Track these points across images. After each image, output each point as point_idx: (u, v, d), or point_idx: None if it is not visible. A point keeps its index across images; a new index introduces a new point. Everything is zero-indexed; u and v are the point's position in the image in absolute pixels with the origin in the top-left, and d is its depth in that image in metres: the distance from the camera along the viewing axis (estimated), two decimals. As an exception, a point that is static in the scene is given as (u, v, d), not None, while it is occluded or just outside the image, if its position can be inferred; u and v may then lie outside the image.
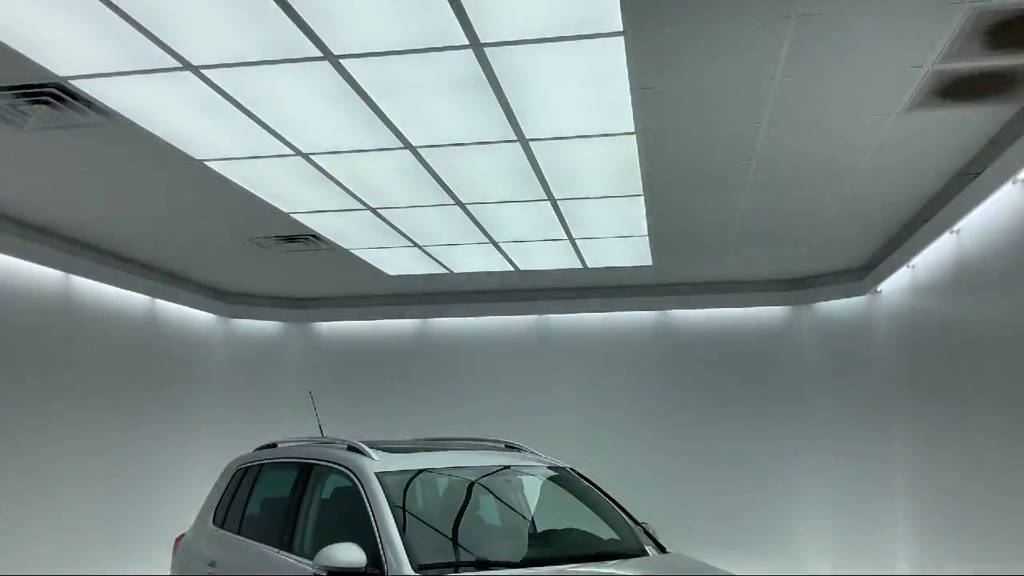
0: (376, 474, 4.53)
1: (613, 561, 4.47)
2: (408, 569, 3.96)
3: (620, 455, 9.48)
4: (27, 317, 7.21)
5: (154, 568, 7.62)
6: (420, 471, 4.84)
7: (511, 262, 8.71)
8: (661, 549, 4.83)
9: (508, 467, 5.22)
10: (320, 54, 4.24)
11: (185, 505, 7.33)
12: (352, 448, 4.94)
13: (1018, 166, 5.18)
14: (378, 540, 4.15)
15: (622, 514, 5.05)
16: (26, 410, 7.13)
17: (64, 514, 7.44)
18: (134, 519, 8.33)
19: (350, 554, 4.00)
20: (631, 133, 5.25)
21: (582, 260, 8.64)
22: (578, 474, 5.35)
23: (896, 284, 8.23)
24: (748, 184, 6.24)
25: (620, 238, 7.79)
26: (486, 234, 7.59)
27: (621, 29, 4.02)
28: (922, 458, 7.70)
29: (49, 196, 6.52)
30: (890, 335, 8.55)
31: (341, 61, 4.31)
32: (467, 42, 4.13)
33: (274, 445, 5.93)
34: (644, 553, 4.69)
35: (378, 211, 6.90)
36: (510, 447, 5.60)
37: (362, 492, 4.46)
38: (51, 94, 4.64)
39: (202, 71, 4.41)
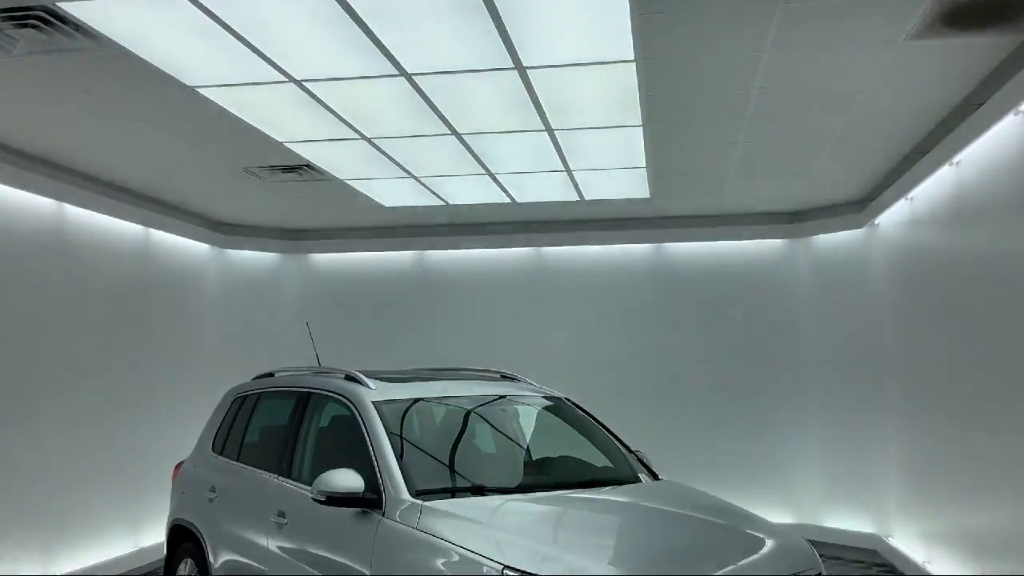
0: (373, 403, 4.58)
1: (607, 487, 4.55)
2: (405, 495, 4.03)
3: (614, 386, 9.58)
4: (19, 246, 7.17)
5: (154, 494, 7.73)
6: (417, 400, 4.90)
7: (508, 194, 8.66)
8: (654, 476, 4.91)
9: (504, 397, 5.28)
10: (313, -24, 4.14)
11: (183, 433, 7.42)
12: (349, 377, 4.98)
13: (1020, 97, 5.10)
14: (376, 467, 4.21)
15: (616, 442, 5.12)
16: (19, 340, 7.15)
17: (61, 444, 7.51)
18: (132, 447, 8.42)
19: (348, 480, 4.07)
20: (631, 61, 5.17)
21: (579, 192, 8.59)
22: (572, 403, 5.41)
23: (894, 217, 8.20)
24: (748, 114, 6.17)
25: (618, 170, 7.73)
26: (483, 165, 7.52)
27: (621, -49, 3.92)
28: (915, 390, 7.78)
29: (40, 123, 6.42)
30: (887, 268, 8.55)
31: (334, -16, 4.21)
32: (463, -36, 4.03)
33: (272, 374, 5.98)
34: (637, 480, 4.78)
35: (373, 141, 6.82)
36: (506, 377, 5.66)
37: (360, 420, 4.51)
38: (39, 17, 4.53)
39: (192, -6, 4.31)
